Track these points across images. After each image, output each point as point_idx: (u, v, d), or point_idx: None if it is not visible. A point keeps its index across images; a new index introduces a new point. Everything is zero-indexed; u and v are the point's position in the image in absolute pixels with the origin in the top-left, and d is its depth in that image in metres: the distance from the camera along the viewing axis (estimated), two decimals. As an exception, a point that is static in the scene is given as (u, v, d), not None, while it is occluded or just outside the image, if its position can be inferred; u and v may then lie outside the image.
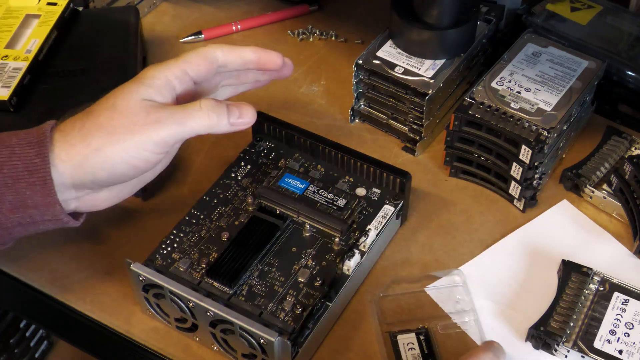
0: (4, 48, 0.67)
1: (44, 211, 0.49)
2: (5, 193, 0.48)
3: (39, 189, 0.48)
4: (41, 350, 1.06)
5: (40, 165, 0.48)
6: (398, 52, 0.66)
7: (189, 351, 0.54)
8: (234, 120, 0.51)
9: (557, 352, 0.53)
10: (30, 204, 0.48)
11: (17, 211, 0.48)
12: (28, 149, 0.48)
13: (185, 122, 0.49)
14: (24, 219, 0.49)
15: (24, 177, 0.48)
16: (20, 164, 0.48)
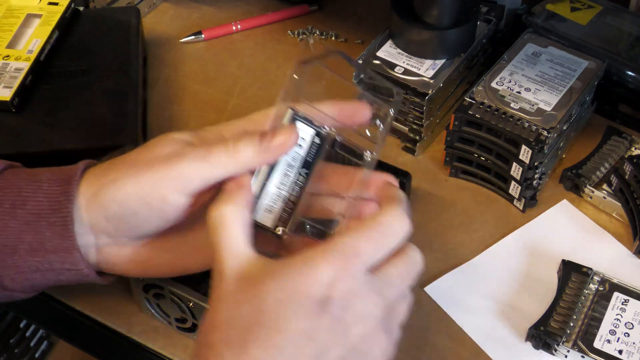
0: (5, 48, 0.67)
1: (63, 257, 0.45)
2: (25, 232, 0.45)
3: (58, 230, 0.45)
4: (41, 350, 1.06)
5: (64, 204, 0.44)
6: (398, 52, 0.66)
7: (189, 351, 0.54)
8: (267, 144, 0.43)
9: (557, 352, 0.53)
10: (49, 248, 0.45)
11: (36, 254, 0.45)
12: (55, 186, 0.45)
13: (209, 156, 0.43)
14: (42, 265, 0.46)
15: (47, 215, 0.45)
16: (45, 201, 0.45)
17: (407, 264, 0.42)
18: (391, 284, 0.41)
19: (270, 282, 0.39)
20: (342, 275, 0.39)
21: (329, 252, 0.39)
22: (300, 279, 0.39)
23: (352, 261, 0.39)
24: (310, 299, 0.38)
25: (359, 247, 0.40)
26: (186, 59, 0.77)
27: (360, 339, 0.40)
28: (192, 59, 0.77)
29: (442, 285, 0.58)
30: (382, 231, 0.41)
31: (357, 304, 0.39)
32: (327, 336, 0.38)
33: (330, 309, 0.38)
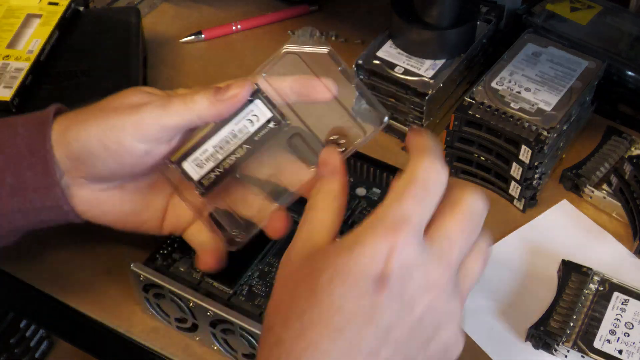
0: (5, 48, 0.67)
1: (43, 195, 0.47)
2: (6, 175, 0.47)
3: (39, 169, 0.47)
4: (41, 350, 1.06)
5: (41, 144, 0.47)
6: (398, 52, 0.66)
7: (189, 351, 0.54)
8: (220, 96, 0.45)
9: (557, 352, 0.53)
10: (30, 187, 0.47)
11: (17, 195, 0.47)
12: (31, 129, 0.47)
13: (168, 105, 0.46)
14: (23, 205, 0.47)
15: (26, 157, 0.47)
16: (22, 144, 0.47)
17: (464, 214, 0.39)
18: (451, 242, 0.39)
19: (324, 262, 0.38)
20: (395, 247, 0.37)
21: (377, 225, 0.38)
22: (351, 257, 0.37)
23: (402, 228, 0.37)
24: (365, 278, 0.37)
25: (405, 211, 0.38)
26: (186, 59, 0.77)
27: (427, 311, 0.38)
28: (192, 59, 0.77)
29: (442, 285, 0.57)
30: (422, 187, 0.39)
31: (416, 275, 0.37)
32: (389, 315, 0.37)
33: (388, 286, 0.37)
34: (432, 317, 0.38)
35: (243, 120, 0.46)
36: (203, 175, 0.48)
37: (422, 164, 0.39)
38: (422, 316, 0.38)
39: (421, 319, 0.38)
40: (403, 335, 0.37)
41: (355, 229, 0.38)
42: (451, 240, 0.39)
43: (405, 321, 0.37)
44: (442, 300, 0.38)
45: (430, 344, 0.38)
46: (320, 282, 0.37)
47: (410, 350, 0.38)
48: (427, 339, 0.38)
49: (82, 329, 0.57)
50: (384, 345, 0.37)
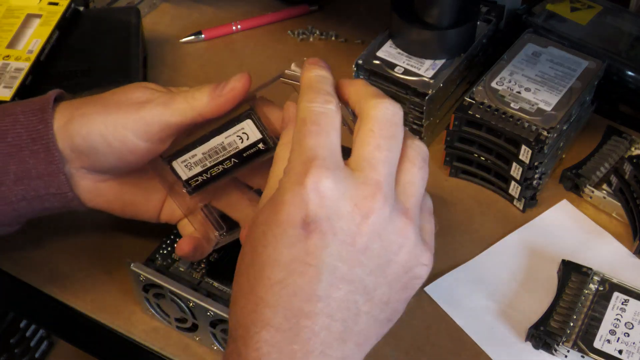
0: (5, 48, 0.67)
1: (47, 182, 0.48)
2: (10, 163, 0.47)
3: (42, 156, 0.47)
4: (41, 350, 1.06)
5: (43, 132, 0.47)
6: (398, 52, 0.66)
7: (189, 351, 0.54)
8: (218, 90, 0.45)
9: (557, 352, 0.53)
10: (34, 174, 0.47)
11: (21, 183, 0.47)
12: (31, 116, 0.47)
13: (171, 103, 0.46)
14: (28, 193, 0.48)
15: (28, 145, 0.47)
16: (24, 132, 0.47)
17: (374, 130, 0.38)
18: (371, 161, 0.37)
19: (258, 218, 0.38)
20: (311, 185, 0.36)
21: (289, 171, 0.37)
22: (275, 209, 0.37)
23: (312, 165, 0.36)
24: (292, 226, 0.36)
25: (308, 148, 0.37)
26: (186, 59, 0.77)
27: (371, 238, 0.36)
28: (192, 59, 0.77)
29: (442, 285, 0.57)
30: (312, 121, 0.37)
31: (344, 207, 0.36)
32: (327, 255, 0.36)
33: (316, 227, 0.36)
34: (379, 243, 0.36)
35: (233, 136, 0.46)
36: (191, 177, 0.48)
37: (301, 105, 0.39)
38: (367, 244, 0.36)
39: (366, 248, 0.36)
40: (351, 271, 0.36)
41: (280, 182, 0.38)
42: (371, 160, 0.37)
43: (349, 256, 0.36)
44: (383, 223, 0.36)
45: (387, 270, 0.37)
46: (256, 238, 0.37)
47: (367, 282, 0.37)
48: (381, 266, 0.37)
49: (82, 329, 0.57)
50: (333, 285, 0.36)
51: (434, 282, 0.58)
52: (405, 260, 0.38)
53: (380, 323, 0.38)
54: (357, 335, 0.37)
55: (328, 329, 0.36)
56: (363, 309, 0.37)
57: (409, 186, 0.38)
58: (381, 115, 0.38)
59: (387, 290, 0.37)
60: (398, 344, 0.54)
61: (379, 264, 0.37)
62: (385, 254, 0.37)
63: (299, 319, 0.36)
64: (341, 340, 0.37)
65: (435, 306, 0.56)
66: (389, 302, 0.38)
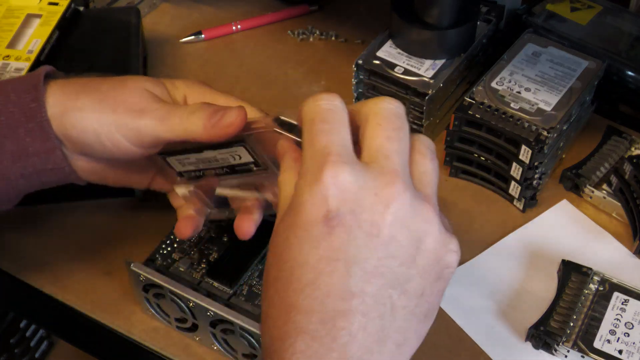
0: (5, 48, 0.67)
1: (45, 158, 0.48)
2: (5, 143, 0.47)
3: (37, 134, 0.47)
4: (41, 350, 1.06)
5: (36, 110, 0.47)
6: (398, 52, 0.66)
7: (189, 351, 0.54)
8: (214, 120, 0.45)
9: (557, 352, 0.53)
10: (31, 152, 0.47)
11: (19, 161, 0.47)
12: (24, 95, 0.47)
13: (166, 119, 0.46)
14: (26, 170, 0.48)
15: (22, 123, 0.47)
16: (17, 111, 0.47)
17: (381, 124, 0.37)
18: (385, 152, 0.36)
19: (279, 227, 0.37)
20: (328, 181, 0.35)
21: (305, 172, 0.36)
22: (295, 212, 0.36)
23: (327, 160, 0.35)
24: (313, 225, 0.35)
25: (321, 144, 0.36)
26: (186, 59, 0.77)
27: (396, 228, 0.35)
28: (192, 59, 0.77)
29: (442, 285, 0.57)
30: (321, 118, 0.37)
31: (365, 198, 0.35)
32: (353, 249, 0.35)
33: (338, 221, 0.35)
34: (405, 231, 0.36)
35: (226, 154, 0.47)
36: (184, 171, 0.50)
37: (307, 106, 0.38)
38: (393, 234, 0.35)
39: (393, 238, 0.35)
40: (380, 263, 0.35)
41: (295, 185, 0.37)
42: (384, 151, 0.37)
43: (375, 248, 0.35)
44: (406, 209, 0.36)
45: (417, 259, 0.36)
46: (279, 245, 0.37)
47: (398, 274, 0.36)
48: (410, 255, 0.36)
49: (82, 329, 0.57)
50: (365, 280, 0.35)
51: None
52: (433, 247, 0.37)
53: (418, 319, 0.37)
54: (396, 333, 0.36)
55: (365, 329, 0.35)
56: (398, 303, 0.36)
57: (424, 176, 0.38)
58: (385, 109, 0.38)
59: (420, 282, 0.36)
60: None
61: (409, 254, 0.36)
62: (413, 243, 0.36)
63: (335, 320, 0.35)
64: (380, 341, 0.35)
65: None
66: (423, 294, 0.36)
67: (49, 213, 0.62)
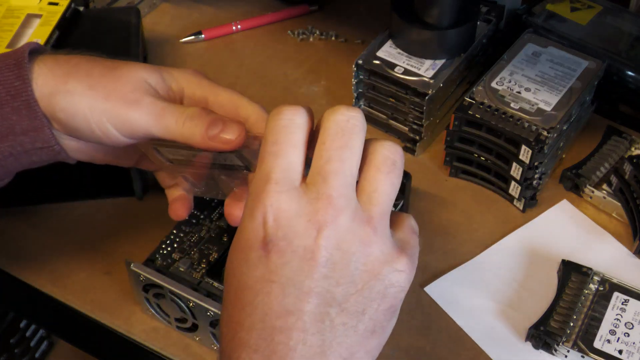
0: (5, 48, 0.67)
1: (33, 137, 0.47)
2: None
3: (24, 112, 0.46)
4: (41, 350, 1.06)
5: (21, 88, 0.45)
6: (398, 52, 0.66)
7: (189, 351, 0.54)
8: (213, 133, 0.45)
9: (557, 352, 0.53)
10: (19, 130, 0.46)
11: (7, 140, 0.46)
12: (7, 72, 0.46)
13: (161, 117, 0.46)
14: (14, 149, 0.47)
15: (8, 102, 0.46)
16: (1, 89, 0.46)
17: (325, 140, 0.37)
18: (324, 174, 0.37)
19: (229, 252, 0.39)
20: (265, 206, 0.36)
21: (249, 197, 0.38)
22: (238, 235, 0.38)
23: (266, 187, 0.37)
24: (252, 248, 0.37)
25: (263, 170, 0.37)
26: (186, 59, 0.77)
27: (333, 252, 0.36)
28: (192, 59, 0.77)
29: (442, 285, 0.57)
30: (268, 141, 0.38)
31: (299, 223, 0.36)
32: (288, 271, 0.36)
33: (273, 245, 0.36)
34: (340, 253, 0.36)
35: (218, 156, 0.47)
36: (174, 159, 0.50)
37: (268, 122, 0.38)
38: (328, 257, 0.36)
39: (328, 260, 0.36)
40: (316, 284, 0.36)
41: None
42: (323, 173, 0.37)
43: (310, 270, 0.36)
44: (340, 233, 0.36)
45: (355, 279, 0.37)
46: (228, 267, 0.39)
47: (336, 294, 0.37)
48: (348, 276, 0.37)
49: (82, 329, 0.58)
50: (302, 299, 0.36)
51: (434, 282, 0.58)
52: (374, 267, 0.37)
53: (362, 335, 0.37)
54: (339, 348, 0.37)
55: (304, 343, 0.36)
56: (337, 320, 0.37)
57: (374, 194, 0.38)
58: (331, 124, 0.38)
59: (361, 300, 0.37)
60: (398, 344, 0.54)
61: (347, 275, 0.37)
62: (350, 264, 0.37)
63: (274, 335, 0.36)
64: (322, 354, 0.36)
65: (435, 306, 0.56)
66: (365, 312, 0.37)
67: (49, 213, 0.62)
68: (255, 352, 0.36)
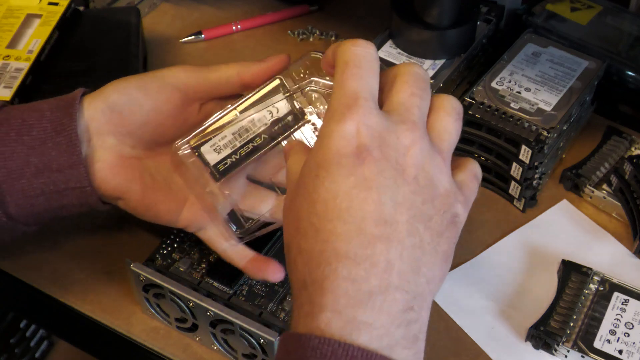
0: (5, 48, 0.67)
1: (68, 175, 0.48)
2: (31, 155, 0.48)
3: (64, 148, 0.48)
4: (41, 350, 1.06)
5: (67, 124, 0.48)
6: (398, 52, 0.66)
7: (189, 351, 0.54)
8: (262, 63, 0.50)
9: (557, 352, 0.53)
10: (55, 167, 0.48)
11: (41, 175, 0.48)
12: (57, 112, 0.48)
13: (208, 67, 0.50)
14: (47, 186, 0.48)
15: (51, 137, 0.48)
16: (50, 126, 0.48)
17: (406, 81, 0.40)
18: (406, 105, 0.39)
19: (306, 168, 0.39)
20: (359, 120, 0.37)
21: (333, 113, 0.38)
22: (324, 149, 0.38)
23: (357, 103, 0.38)
24: (345, 157, 0.37)
25: (351, 89, 0.39)
26: (186, 59, 0.77)
27: (418, 170, 0.38)
28: (192, 59, 0.77)
29: (442, 285, 0.57)
30: (354, 64, 0.40)
31: (390, 139, 0.38)
32: (384, 179, 0.37)
33: (369, 153, 0.37)
34: (424, 173, 0.38)
35: (264, 111, 0.48)
36: (219, 161, 0.49)
37: (344, 48, 0.40)
38: (415, 174, 0.38)
39: (415, 177, 0.38)
40: (408, 197, 0.37)
41: (319, 129, 0.40)
42: (406, 104, 0.39)
43: (403, 183, 0.37)
44: (425, 157, 0.38)
45: (435, 201, 0.38)
46: (309, 184, 0.38)
47: (423, 210, 0.38)
48: (429, 196, 0.38)
49: (82, 329, 0.57)
50: (397, 209, 0.37)
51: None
52: (446, 195, 0.39)
53: (441, 258, 0.39)
54: (425, 268, 0.37)
55: (401, 258, 0.36)
56: (425, 237, 0.38)
57: (443, 132, 0.40)
58: (413, 71, 0.41)
59: (439, 221, 0.38)
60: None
61: (428, 194, 0.38)
62: (430, 186, 0.38)
63: (375, 244, 0.36)
64: (414, 272, 0.37)
65: (435, 306, 0.56)
66: (442, 234, 0.38)
67: (49, 213, 0.62)
68: (355, 264, 0.36)
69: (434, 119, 0.40)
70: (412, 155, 0.38)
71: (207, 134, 0.49)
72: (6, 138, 0.48)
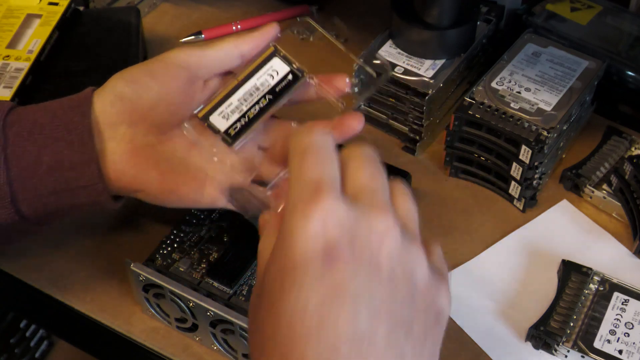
0: (5, 48, 0.67)
1: (79, 173, 0.48)
2: (44, 154, 0.48)
3: (76, 146, 0.48)
4: (41, 350, 1.06)
5: (79, 123, 0.48)
6: (398, 52, 0.66)
7: (189, 351, 0.54)
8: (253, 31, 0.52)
9: (557, 352, 0.53)
10: (67, 165, 0.48)
11: (53, 173, 0.48)
12: (69, 111, 0.49)
13: (212, 43, 0.52)
14: (59, 185, 0.48)
15: (63, 136, 0.48)
16: (62, 126, 0.48)
17: (364, 163, 0.37)
18: (371, 189, 0.35)
19: (268, 274, 0.34)
20: (325, 212, 0.33)
21: (295, 204, 0.34)
22: (288, 250, 0.33)
23: (321, 191, 0.33)
24: (311, 262, 0.32)
25: (313, 176, 0.34)
26: (186, 59, 0.77)
27: (394, 263, 0.33)
28: (192, 59, 0.77)
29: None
30: (312, 150, 0.36)
31: (361, 232, 0.33)
32: (356, 284, 0.32)
33: (339, 253, 0.32)
34: (400, 266, 0.34)
35: (264, 75, 0.51)
36: (229, 126, 0.51)
37: (299, 137, 0.37)
38: (391, 270, 0.33)
39: (392, 273, 0.33)
40: (385, 301, 0.33)
41: (283, 223, 0.34)
42: (369, 188, 0.35)
43: (378, 284, 0.33)
44: (399, 244, 0.34)
45: (415, 298, 0.34)
46: (273, 294, 0.33)
47: (403, 314, 0.33)
48: (409, 294, 0.34)
49: (82, 329, 0.57)
50: (374, 318, 0.32)
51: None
52: (426, 286, 0.35)
53: None
54: None
55: None
56: (406, 349, 0.33)
57: (408, 214, 0.37)
58: (367, 152, 0.38)
59: (422, 324, 0.34)
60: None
61: (407, 292, 0.34)
62: (408, 281, 0.34)
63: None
64: None
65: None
66: (425, 340, 0.34)
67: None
68: None
69: (394, 200, 0.37)
70: (387, 246, 0.33)
71: (214, 106, 0.50)
72: (18, 138, 0.48)
